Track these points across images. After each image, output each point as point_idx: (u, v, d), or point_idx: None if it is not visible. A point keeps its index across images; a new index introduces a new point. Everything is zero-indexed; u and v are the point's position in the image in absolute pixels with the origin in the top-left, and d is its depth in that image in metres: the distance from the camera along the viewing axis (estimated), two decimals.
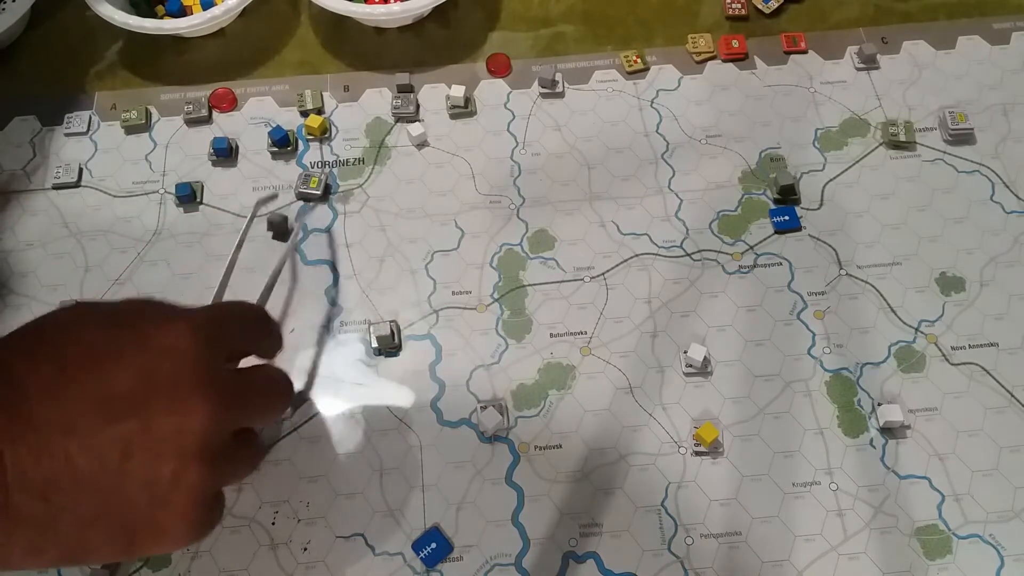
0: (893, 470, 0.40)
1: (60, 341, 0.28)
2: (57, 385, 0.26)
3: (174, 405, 0.27)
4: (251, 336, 0.33)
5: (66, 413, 0.26)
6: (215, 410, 0.28)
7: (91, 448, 0.26)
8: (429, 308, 0.44)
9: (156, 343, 0.28)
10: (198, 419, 0.27)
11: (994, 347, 0.43)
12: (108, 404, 0.26)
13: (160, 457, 0.27)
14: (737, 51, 0.53)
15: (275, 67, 0.53)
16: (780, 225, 0.46)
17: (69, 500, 0.26)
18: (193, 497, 0.28)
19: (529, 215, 0.47)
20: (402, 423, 0.41)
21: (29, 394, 0.26)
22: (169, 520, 0.28)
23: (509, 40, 0.54)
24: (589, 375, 0.42)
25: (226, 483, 0.31)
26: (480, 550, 0.39)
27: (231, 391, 0.29)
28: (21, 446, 0.25)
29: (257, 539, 0.39)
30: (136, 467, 0.26)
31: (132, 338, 0.28)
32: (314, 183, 0.47)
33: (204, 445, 0.27)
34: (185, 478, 0.27)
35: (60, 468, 0.25)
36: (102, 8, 0.50)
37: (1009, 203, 0.47)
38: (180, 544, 0.29)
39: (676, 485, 0.40)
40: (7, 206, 0.48)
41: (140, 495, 0.27)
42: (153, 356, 0.28)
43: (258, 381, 0.32)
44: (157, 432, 0.27)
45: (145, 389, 0.27)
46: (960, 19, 0.54)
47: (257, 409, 0.32)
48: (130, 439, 0.26)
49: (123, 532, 0.27)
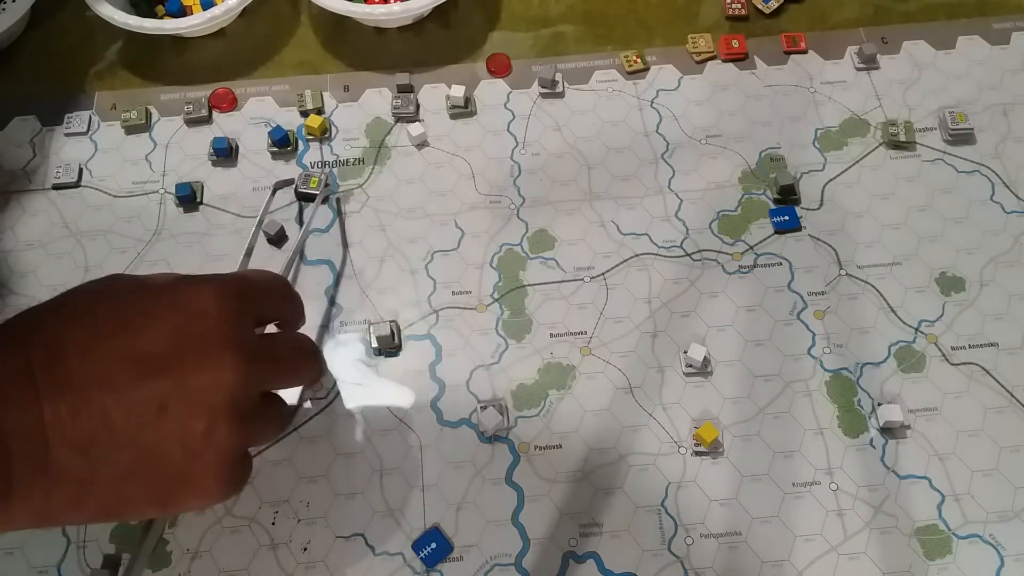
0: (893, 470, 0.40)
1: (95, 304, 0.29)
2: (93, 345, 0.27)
3: (205, 363, 0.28)
4: (276, 303, 0.34)
5: (103, 371, 0.27)
6: (245, 368, 0.29)
7: (127, 404, 0.27)
8: (429, 308, 0.45)
9: (187, 305, 0.29)
10: (229, 376, 0.28)
11: (994, 347, 0.43)
12: (143, 362, 0.27)
13: (193, 413, 0.28)
14: (737, 51, 0.53)
15: (275, 67, 0.53)
16: (780, 225, 0.46)
17: (107, 455, 0.27)
18: (224, 452, 0.29)
19: (529, 215, 0.47)
20: (402, 423, 0.41)
21: (67, 353, 0.27)
22: (201, 474, 0.29)
23: (509, 40, 0.54)
24: (589, 375, 0.42)
25: (254, 443, 0.32)
26: (480, 550, 0.39)
27: (259, 352, 0.30)
28: (60, 403, 0.26)
29: (257, 539, 0.39)
30: (170, 422, 0.27)
31: (164, 301, 0.29)
32: (314, 183, 0.47)
33: (234, 402, 0.28)
34: (216, 433, 0.28)
35: (98, 424, 0.26)
36: (102, 8, 0.50)
37: (1009, 203, 0.47)
38: (211, 499, 0.30)
39: (676, 485, 0.40)
40: (7, 206, 0.48)
41: (174, 450, 0.28)
42: (184, 317, 0.29)
43: (285, 344, 0.33)
44: (190, 389, 0.28)
45: (178, 348, 0.28)
46: (960, 19, 0.54)
47: (285, 372, 0.33)
48: (164, 395, 0.27)
49: (159, 486, 0.28)
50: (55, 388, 0.26)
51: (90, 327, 0.28)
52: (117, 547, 0.39)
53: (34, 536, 0.39)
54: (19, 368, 0.26)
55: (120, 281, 0.30)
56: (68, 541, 0.39)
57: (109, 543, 0.39)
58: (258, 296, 0.33)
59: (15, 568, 0.38)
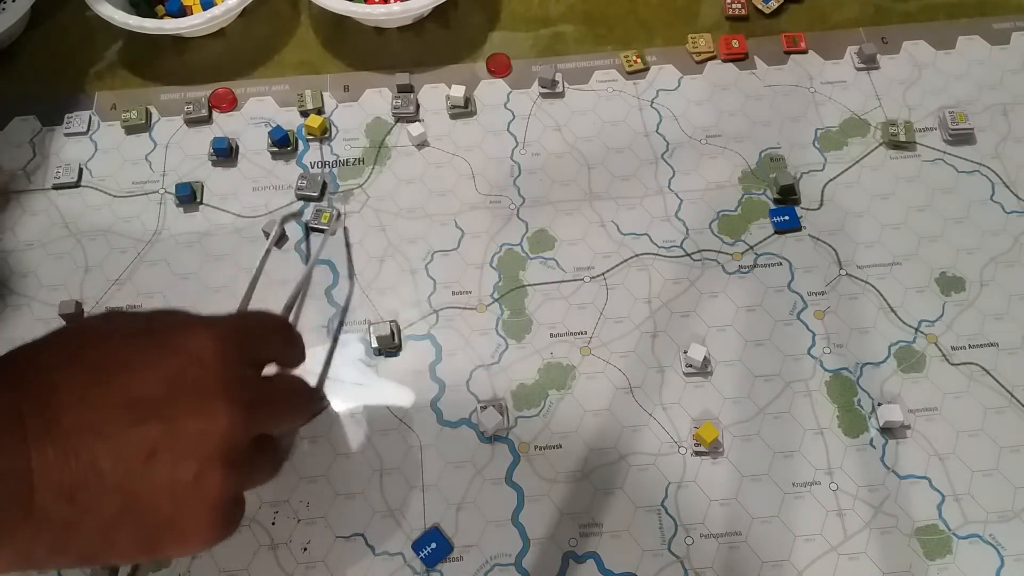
0: (893, 470, 0.40)
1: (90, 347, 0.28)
2: (86, 389, 0.27)
3: (199, 409, 0.28)
4: (274, 346, 0.34)
5: (93, 416, 0.26)
6: (238, 415, 0.28)
7: (116, 450, 0.26)
8: (429, 308, 0.45)
9: (183, 349, 0.28)
10: (221, 423, 0.28)
11: (994, 347, 0.43)
12: (134, 407, 0.27)
13: (183, 459, 0.27)
14: (737, 51, 0.52)
15: (275, 67, 0.53)
16: (780, 225, 0.46)
17: (94, 502, 0.26)
18: (214, 500, 0.28)
19: (529, 215, 0.47)
20: (402, 423, 0.41)
21: (59, 397, 0.26)
22: (190, 522, 0.28)
23: (509, 40, 0.54)
24: (589, 375, 0.42)
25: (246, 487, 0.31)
26: (480, 550, 0.39)
27: (254, 397, 0.30)
28: (48, 448, 0.25)
29: (257, 539, 0.39)
30: (160, 469, 0.27)
31: (160, 344, 0.28)
32: (325, 218, 0.46)
33: (227, 449, 0.28)
34: (207, 481, 0.28)
35: (85, 470, 0.26)
36: (102, 8, 0.50)
37: (1009, 203, 0.47)
38: (200, 546, 0.29)
39: (676, 485, 0.40)
40: (7, 206, 0.48)
41: (163, 497, 0.27)
42: (180, 361, 0.28)
43: (279, 388, 0.33)
44: (181, 435, 0.27)
45: (171, 393, 0.27)
46: (960, 19, 0.54)
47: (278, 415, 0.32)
48: (155, 441, 0.27)
49: (145, 533, 0.28)
50: (44, 433, 0.25)
51: (84, 371, 0.27)
52: None
53: None
54: (8, 411, 0.25)
55: (117, 321, 0.30)
56: None
57: None
58: (256, 340, 0.32)
59: None
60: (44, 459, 0.25)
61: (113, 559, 0.29)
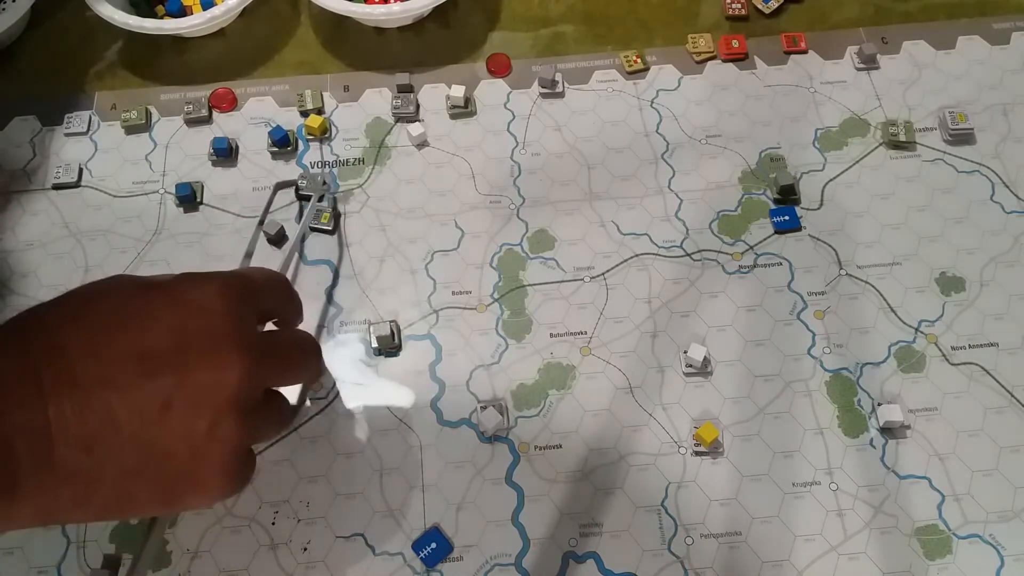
0: (893, 470, 0.40)
1: (97, 303, 0.29)
2: (97, 343, 0.27)
3: (209, 361, 0.28)
4: (277, 301, 0.34)
5: (106, 369, 0.27)
6: (248, 366, 0.29)
7: (131, 402, 0.27)
8: (429, 308, 0.44)
9: (190, 302, 0.29)
10: (232, 374, 0.28)
11: (994, 347, 0.43)
12: (146, 360, 0.27)
13: (197, 410, 0.28)
14: (737, 51, 0.52)
15: (275, 67, 0.53)
16: (780, 225, 0.46)
17: (112, 453, 0.27)
18: (228, 449, 0.29)
19: (529, 215, 0.47)
20: (402, 423, 0.41)
21: (70, 352, 0.27)
22: (207, 471, 0.29)
23: (509, 40, 0.54)
24: (589, 375, 0.42)
25: (257, 439, 0.32)
26: (480, 550, 0.39)
27: (263, 349, 0.30)
28: (64, 402, 0.26)
29: (257, 539, 0.39)
30: (174, 420, 0.27)
31: (167, 298, 0.29)
32: (325, 219, 0.46)
33: (238, 399, 0.28)
34: (221, 430, 0.28)
35: (102, 422, 0.26)
36: (102, 8, 0.50)
37: (1009, 203, 0.47)
38: (216, 497, 0.30)
39: (676, 485, 0.40)
40: (7, 206, 0.48)
41: (179, 447, 0.28)
42: (187, 314, 0.29)
43: (287, 341, 0.33)
44: (193, 386, 0.28)
45: (181, 346, 0.28)
46: (960, 19, 0.54)
47: (287, 369, 0.33)
48: (168, 393, 0.27)
49: (164, 483, 0.28)
50: (59, 387, 0.26)
51: (93, 326, 0.28)
52: (117, 547, 0.39)
53: (34, 536, 0.39)
54: (23, 367, 0.26)
55: (122, 280, 0.30)
56: (68, 541, 0.39)
57: (109, 543, 0.39)
58: (260, 293, 0.33)
59: (15, 568, 0.38)
60: (61, 412, 0.26)
61: (134, 511, 0.29)
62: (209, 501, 0.30)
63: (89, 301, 0.29)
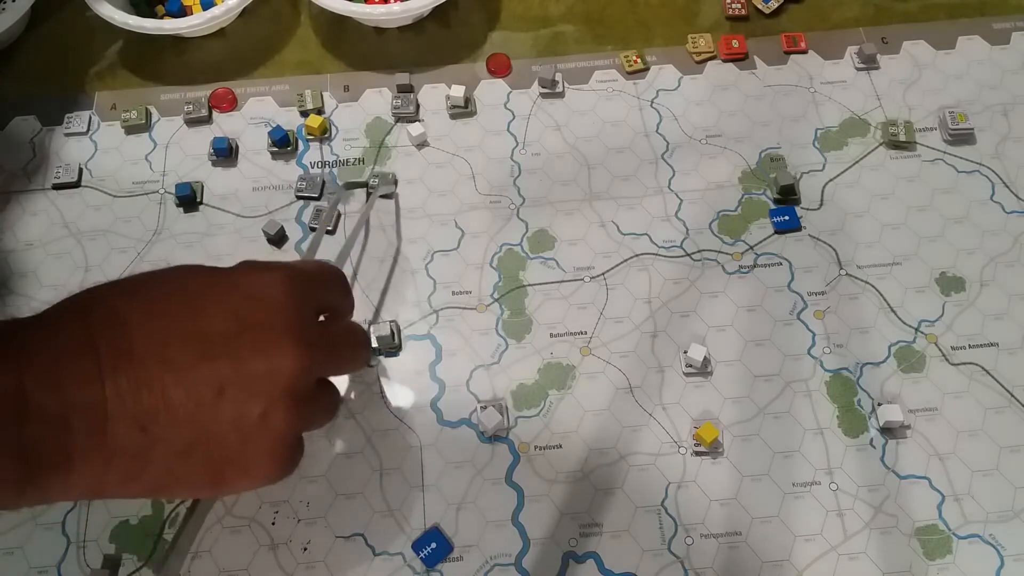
0: (893, 470, 0.40)
1: (159, 283, 0.29)
2: (156, 323, 0.28)
3: (266, 350, 0.28)
4: (334, 294, 0.35)
5: (164, 350, 0.27)
6: (303, 356, 0.29)
7: (187, 383, 0.27)
8: (429, 308, 0.45)
9: (251, 290, 0.29)
10: (287, 364, 0.28)
11: (994, 347, 0.43)
12: (204, 343, 0.28)
13: (251, 397, 0.28)
14: (737, 51, 0.52)
15: (275, 67, 0.53)
16: (780, 225, 0.46)
17: (164, 432, 0.27)
18: (279, 437, 0.29)
19: (529, 215, 0.47)
20: (402, 423, 0.41)
21: (129, 330, 0.27)
22: (256, 457, 0.29)
23: (509, 40, 0.54)
24: (589, 375, 0.42)
25: (307, 428, 0.32)
26: (480, 550, 0.39)
27: (318, 340, 0.31)
28: (121, 378, 0.26)
29: (257, 539, 0.39)
30: (227, 404, 0.28)
31: (228, 284, 0.30)
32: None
33: (291, 389, 0.29)
34: (273, 418, 0.28)
35: (157, 400, 0.27)
36: (102, 8, 0.50)
37: (1009, 203, 0.47)
38: (262, 482, 0.30)
39: (676, 485, 0.40)
40: (7, 206, 0.48)
41: (230, 432, 0.28)
42: (248, 301, 0.29)
43: (341, 334, 0.34)
44: (249, 373, 0.28)
45: (239, 332, 0.28)
46: (960, 19, 0.54)
47: (340, 360, 0.34)
48: (223, 378, 0.28)
49: (212, 466, 0.28)
50: (117, 363, 0.26)
51: (154, 305, 0.28)
52: (117, 547, 0.39)
53: (34, 536, 0.39)
54: (82, 343, 0.26)
55: (185, 266, 0.31)
56: (68, 541, 0.39)
57: (109, 543, 0.39)
58: (320, 286, 0.33)
59: (15, 568, 0.38)
60: (118, 389, 0.26)
61: (180, 491, 0.30)
62: (255, 485, 0.31)
63: (152, 281, 0.29)
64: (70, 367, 0.26)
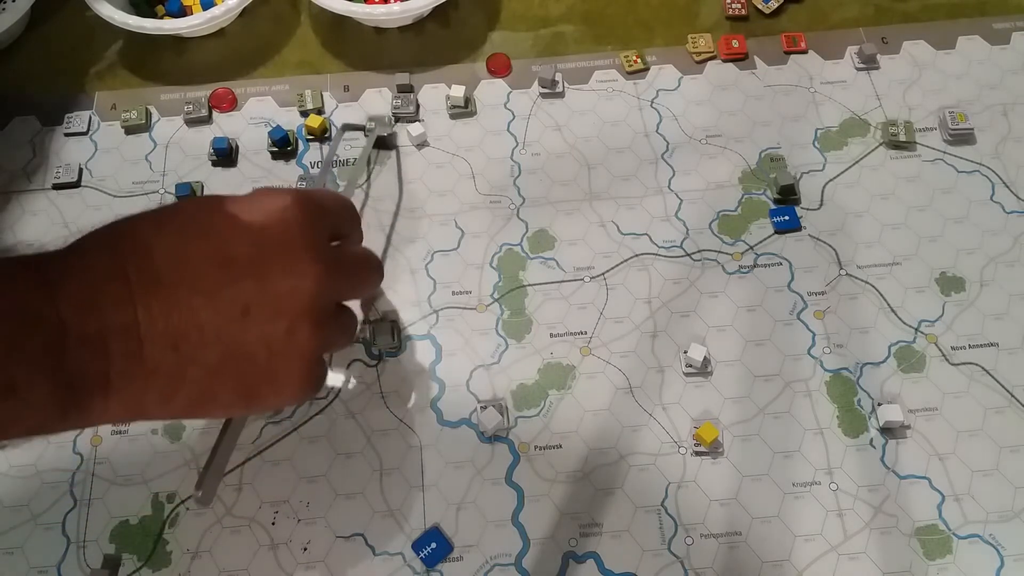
0: (893, 470, 0.40)
1: (183, 212, 0.30)
2: (181, 248, 0.29)
3: (287, 269, 0.30)
4: (344, 220, 0.36)
5: (191, 273, 0.28)
6: (322, 275, 0.30)
7: (214, 305, 0.28)
8: (429, 308, 0.45)
9: (269, 214, 0.30)
10: (309, 283, 0.30)
11: (994, 347, 0.43)
12: (228, 265, 0.29)
13: (276, 314, 0.29)
14: (737, 51, 0.53)
15: (275, 67, 0.53)
16: (780, 225, 0.46)
17: (196, 351, 0.28)
18: (305, 352, 0.30)
19: (529, 215, 0.47)
20: (402, 423, 0.41)
21: (156, 257, 0.28)
22: (283, 373, 0.30)
23: (509, 40, 0.54)
24: (589, 375, 0.42)
25: (329, 347, 0.33)
26: (480, 550, 0.39)
27: (335, 261, 0.32)
28: (152, 302, 0.27)
29: (257, 539, 0.39)
30: (254, 323, 0.29)
31: (247, 208, 0.31)
32: None
33: (313, 306, 0.30)
34: (298, 334, 0.30)
35: (187, 322, 0.28)
36: (102, 8, 0.50)
37: (1009, 203, 0.47)
38: (291, 398, 0.32)
39: (676, 485, 0.40)
40: (7, 206, 0.48)
41: (258, 349, 0.29)
42: (266, 223, 0.30)
43: (353, 256, 0.35)
44: (273, 293, 0.29)
45: (261, 254, 0.30)
46: (960, 19, 0.54)
47: (356, 282, 0.35)
48: (249, 298, 0.29)
49: (244, 383, 0.30)
50: (147, 289, 0.27)
51: (178, 233, 0.29)
52: (117, 547, 0.39)
53: (34, 536, 0.39)
54: (114, 271, 0.27)
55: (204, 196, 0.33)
56: (68, 541, 0.39)
57: (109, 543, 0.39)
58: (329, 211, 0.34)
59: (15, 568, 0.38)
60: (150, 312, 0.27)
61: (215, 409, 0.31)
62: (285, 402, 0.32)
63: (173, 211, 0.31)
64: (104, 292, 0.27)
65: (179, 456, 0.41)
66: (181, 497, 0.40)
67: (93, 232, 0.29)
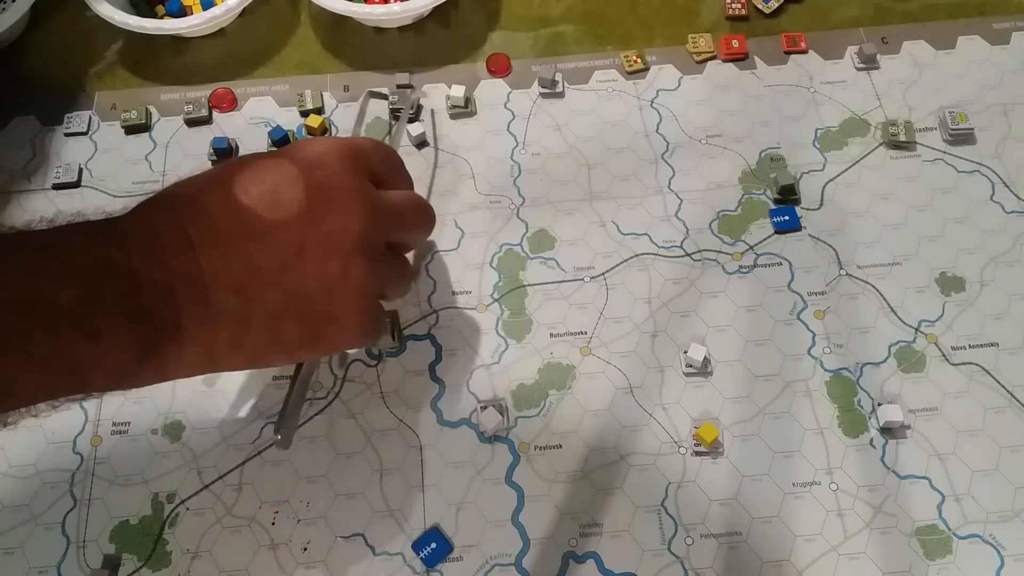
0: (893, 470, 0.40)
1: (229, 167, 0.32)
2: (233, 200, 0.30)
3: (333, 208, 0.31)
4: (385, 164, 0.36)
5: (243, 221, 0.30)
6: (369, 213, 0.32)
7: (269, 248, 0.30)
8: (429, 308, 0.45)
9: (312, 158, 0.32)
10: (355, 220, 0.31)
11: (994, 347, 0.43)
12: (276, 209, 0.30)
13: (328, 253, 0.31)
14: (737, 51, 0.53)
15: (275, 67, 0.53)
16: (780, 225, 0.46)
17: (258, 294, 0.30)
18: (361, 289, 0.32)
19: (529, 215, 0.47)
20: (402, 423, 0.41)
21: (211, 210, 0.30)
22: (344, 311, 0.32)
23: (509, 40, 0.54)
24: (589, 375, 0.42)
25: (385, 289, 0.34)
26: (480, 550, 0.39)
27: (380, 201, 0.33)
28: (212, 252, 0.29)
29: (257, 539, 0.39)
30: (309, 263, 0.30)
31: (291, 156, 0.32)
32: None
33: (363, 243, 0.31)
34: (353, 271, 0.31)
35: (246, 268, 0.29)
36: (102, 8, 0.50)
37: (1009, 203, 0.47)
38: (355, 337, 0.33)
39: (676, 485, 0.40)
40: (7, 206, 0.48)
41: (317, 289, 0.31)
42: (310, 168, 0.31)
43: (400, 198, 0.36)
44: (323, 232, 0.31)
45: (307, 196, 0.31)
46: (960, 19, 0.54)
47: (403, 222, 0.36)
48: (300, 239, 0.30)
49: (308, 323, 0.31)
50: (205, 239, 0.29)
51: (225, 185, 0.30)
52: (117, 547, 0.39)
53: (34, 536, 0.39)
54: (175, 226, 0.29)
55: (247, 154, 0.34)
56: (68, 541, 0.39)
57: (109, 543, 0.39)
58: (369, 156, 0.35)
59: (15, 568, 0.38)
60: (211, 261, 0.29)
61: (283, 353, 0.32)
62: (349, 342, 0.33)
63: (219, 170, 0.32)
64: (168, 245, 0.29)
65: (179, 456, 0.41)
66: (182, 497, 0.40)
67: (149, 199, 0.31)
